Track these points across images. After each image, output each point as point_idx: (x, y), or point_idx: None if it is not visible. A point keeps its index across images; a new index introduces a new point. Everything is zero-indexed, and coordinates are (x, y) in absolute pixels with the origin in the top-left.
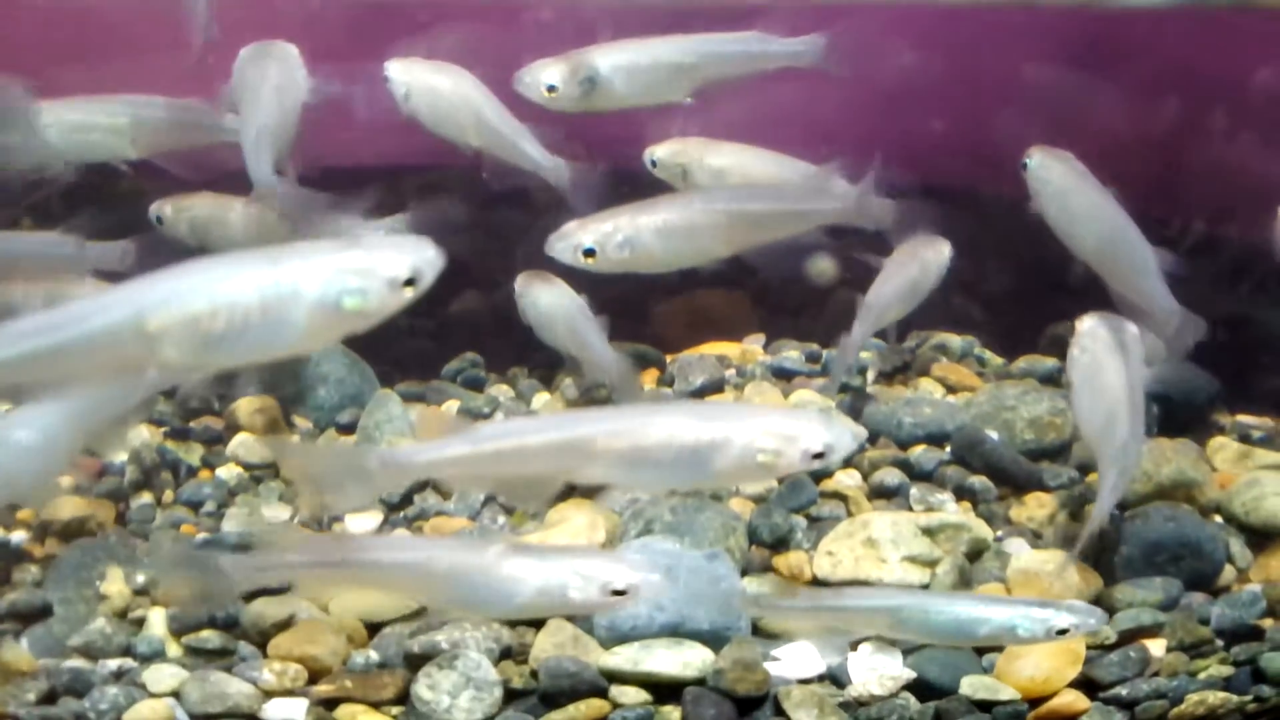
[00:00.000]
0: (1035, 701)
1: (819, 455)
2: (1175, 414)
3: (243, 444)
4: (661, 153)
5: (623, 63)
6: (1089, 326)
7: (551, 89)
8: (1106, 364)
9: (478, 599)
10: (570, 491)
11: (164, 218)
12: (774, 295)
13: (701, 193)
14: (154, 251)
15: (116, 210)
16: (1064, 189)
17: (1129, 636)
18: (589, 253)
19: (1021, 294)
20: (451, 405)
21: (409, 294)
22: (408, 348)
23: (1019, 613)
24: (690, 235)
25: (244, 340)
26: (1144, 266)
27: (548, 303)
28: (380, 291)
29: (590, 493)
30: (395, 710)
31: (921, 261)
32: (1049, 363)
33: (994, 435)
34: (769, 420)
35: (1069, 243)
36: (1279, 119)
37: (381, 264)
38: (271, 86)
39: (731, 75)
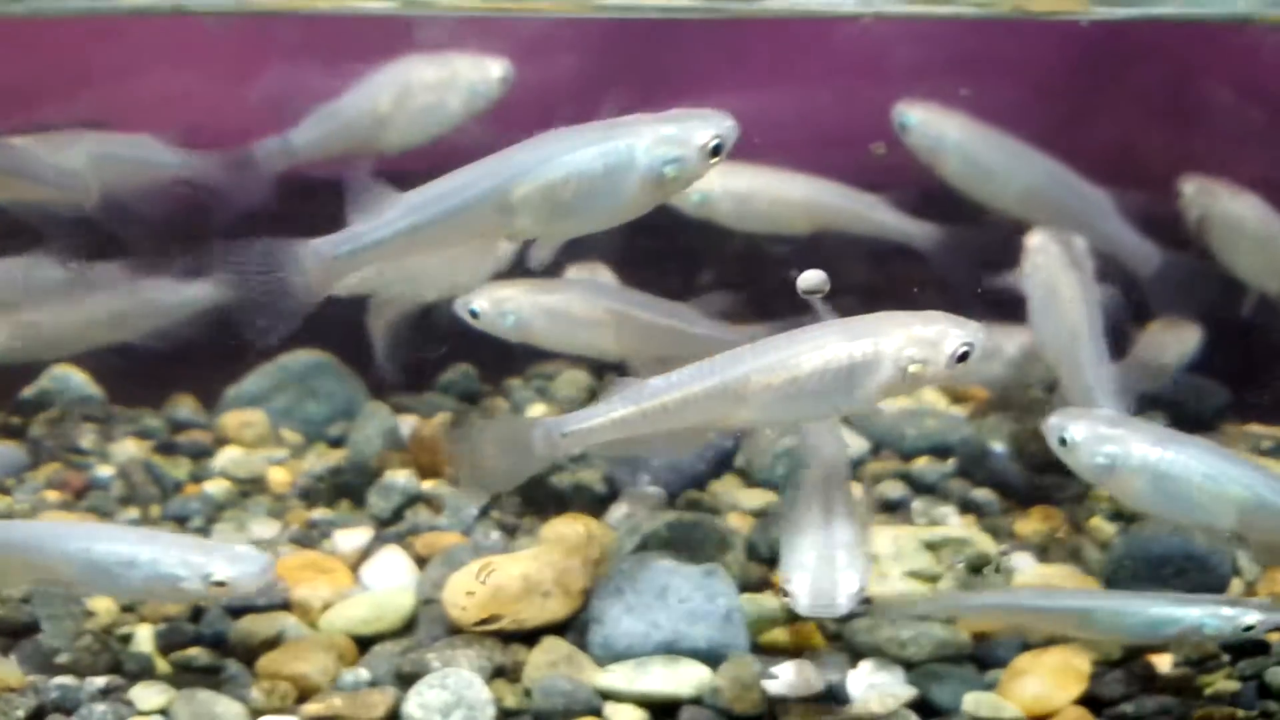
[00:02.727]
0: (1039, 719)
1: (962, 357)
2: (1185, 424)
3: (231, 459)
4: None
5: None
6: (1039, 242)
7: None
8: (1060, 280)
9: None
10: (564, 507)
11: None
12: (774, 302)
13: (606, 289)
14: None
15: None
16: (960, 141)
17: (1134, 652)
18: (474, 314)
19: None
20: (443, 418)
21: (714, 163)
22: (401, 359)
23: (1208, 611)
24: (574, 325)
25: (584, 208)
26: (1096, 209)
27: None
28: (694, 160)
29: (584, 507)
30: None
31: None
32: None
33: (998, 448)
34: (909, 329)
35: (988, 200)
36: None
37: (694, 133)
38: None
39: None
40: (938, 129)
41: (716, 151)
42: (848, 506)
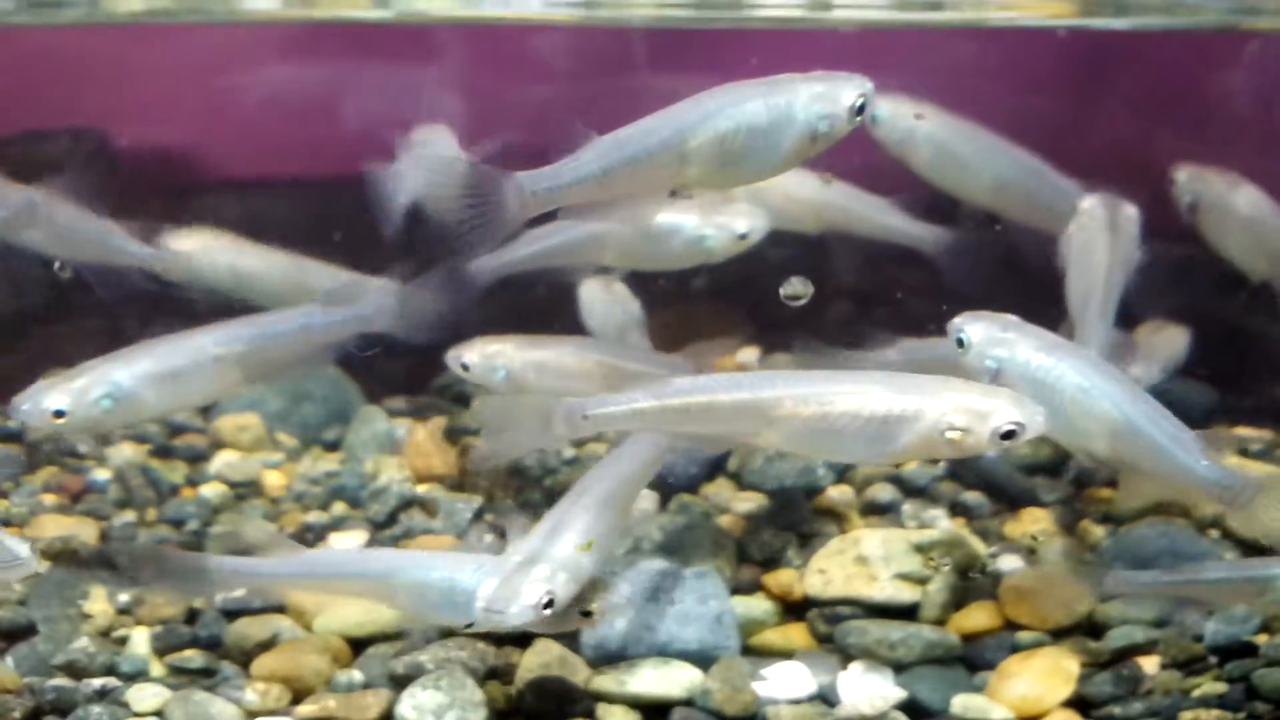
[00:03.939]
0: None
1: (1009, 435)
2: None
3: (226, 462)
4: None
5: None
6: (1088, 205)
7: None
8: (1096, 243)
9: None
10: None
11: None
12: (768, 308)
13: (596, 343)
14: None
15: None
16: (931, 133)
17: (1122, 654)
18: (465, 368)
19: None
20: (439, 422)
21: (857, 121)
22: (396, 364)
23: None
24: (565, 379)
25: (748, 159)
26: (1069, 201)
27: (607, 308)
28: (843, 118)
29: None
30: None
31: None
32: None
33: (989, 451)
34: (961, 396)
35: (959, 192)
36: None
37: (843, 93)
38: None
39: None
40: (908, 121)
41: (860, 111)
42: (589, 522)
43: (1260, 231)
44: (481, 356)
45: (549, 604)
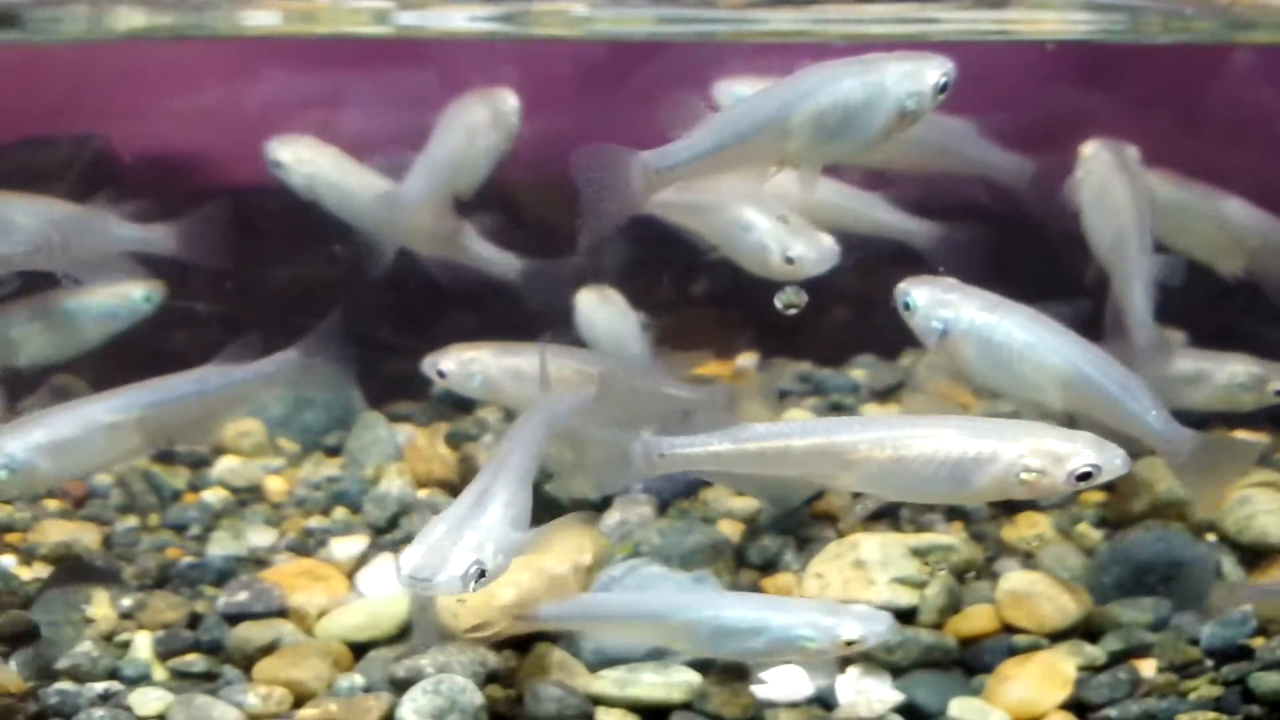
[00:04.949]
0: None
1: (1085, 477)
2: None
3: (228, 467)
4: None
5: None
6: (1092, 150)
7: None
8: (1112, 183)
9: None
10: (559, 515)
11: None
12: (767, 314)
13: (572, 351)
14: None
15: None
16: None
17: (1119, 657)
18: (441, 375)
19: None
20: (439, 427)
21: (940, 100)
22: (397, 369)
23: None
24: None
25: (844, 135)
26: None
27: (605, 320)
28: (928, 96)
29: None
30: None
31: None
32: None
33: None
34: (1040, 440)
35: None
36: None
37: (928, 72)
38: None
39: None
40: None
41: (943, 90)
42: (512, 498)
43: (1176, 211)
44: (458, 363)
45: (481, 574)
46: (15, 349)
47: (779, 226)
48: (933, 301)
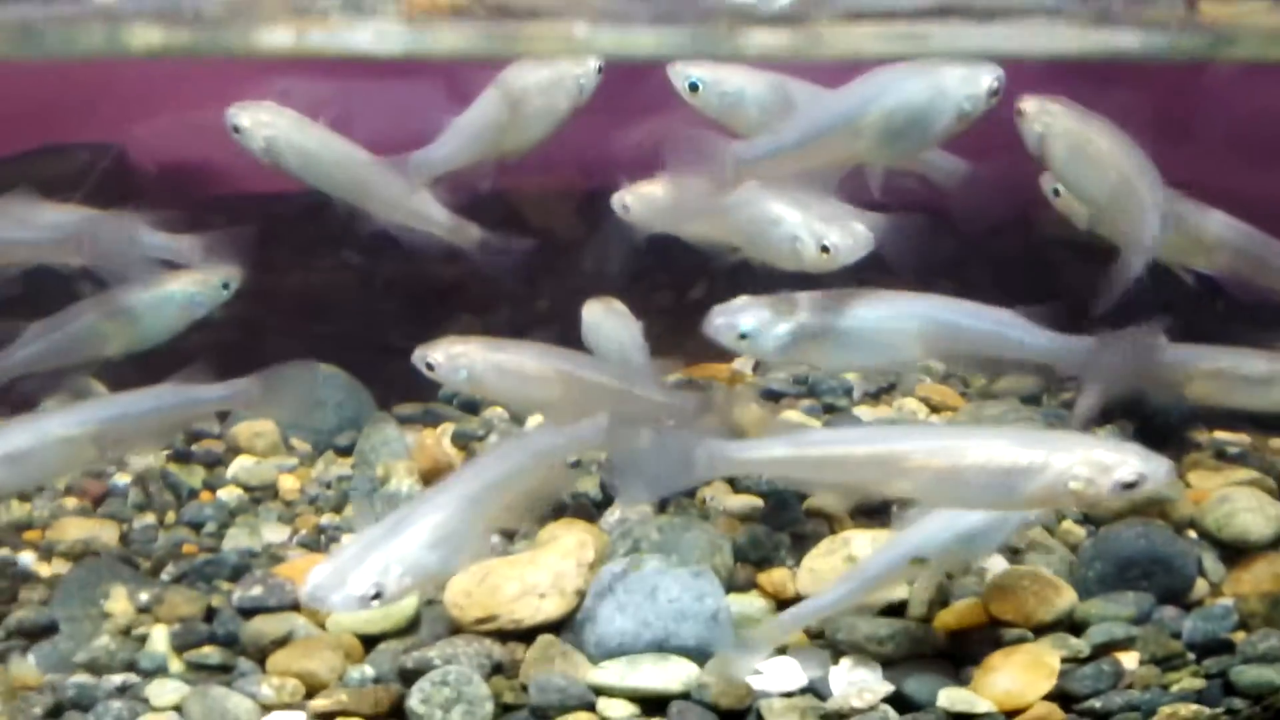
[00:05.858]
0: (1011, 714)
1: (1130, 486)
2: (1152, 430)
3: (243, 467)
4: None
5: None
6: (1036, 104)
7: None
8: (1080, 128)
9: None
10: (560, 511)
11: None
12: None
13: (558, 351)
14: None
15: None
16: (756, 95)
17: (1102, 650)
18: (429, 367)
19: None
20: (446, 428)
21: (992, 103)
22: (404, 370)
23: None
24: (525, 382)
25: (908, 134)
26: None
27: (610, 329)
28: (983, 99)
29: (579, 512)
30: None
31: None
32: (1030, 383)
33: None
34: (1089, 450)
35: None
36: None
37: (982, 77)
38: None
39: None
40: (728, 84)
41: (995, 94)
42: (440, 520)
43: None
44: (446, 356)
45: (376, 595)
46: (104, 340)
47: (810, 217)
48: (766, 321)
